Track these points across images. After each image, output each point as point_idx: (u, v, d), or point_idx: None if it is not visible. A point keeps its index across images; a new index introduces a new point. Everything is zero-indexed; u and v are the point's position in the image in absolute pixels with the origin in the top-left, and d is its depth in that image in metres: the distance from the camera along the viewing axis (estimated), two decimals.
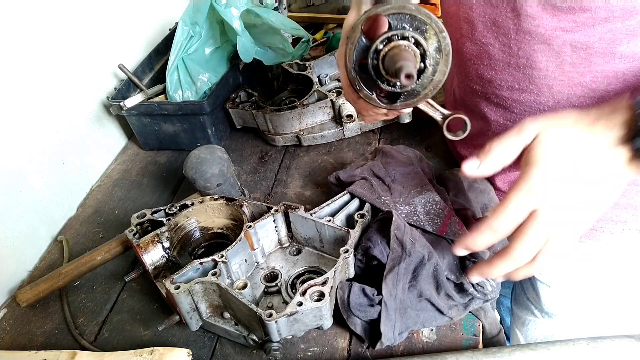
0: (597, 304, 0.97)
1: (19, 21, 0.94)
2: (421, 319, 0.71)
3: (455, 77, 0.89)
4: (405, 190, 0.81)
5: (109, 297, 0.86)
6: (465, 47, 0.78)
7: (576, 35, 0.65)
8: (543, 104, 0.74)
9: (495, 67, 0.75)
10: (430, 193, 0.79)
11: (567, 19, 0.64)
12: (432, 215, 0.77)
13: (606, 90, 0.69)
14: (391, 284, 0.69)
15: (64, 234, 1.01)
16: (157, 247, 0.79)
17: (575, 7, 0.62)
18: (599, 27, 0.63)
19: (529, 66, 0.71)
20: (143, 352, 0.72)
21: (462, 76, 0.84)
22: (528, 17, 0.66)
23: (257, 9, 1.12)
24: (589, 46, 0.65)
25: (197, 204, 0.83)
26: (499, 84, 0.76)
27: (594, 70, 0.67)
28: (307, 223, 0.80)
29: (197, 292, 0.71)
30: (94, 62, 1.14)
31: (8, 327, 0.84)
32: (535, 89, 0.73)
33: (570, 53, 0.67)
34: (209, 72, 1.16)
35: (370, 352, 0.72)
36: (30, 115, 0.97)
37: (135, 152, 1.21)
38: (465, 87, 0.85)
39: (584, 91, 0.70)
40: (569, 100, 0.72)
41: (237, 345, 0.76)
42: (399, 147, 0.91)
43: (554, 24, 0.65)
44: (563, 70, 0.69)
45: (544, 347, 0.66)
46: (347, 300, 0.71)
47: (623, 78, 0.67)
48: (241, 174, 1.09)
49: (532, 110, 0.75)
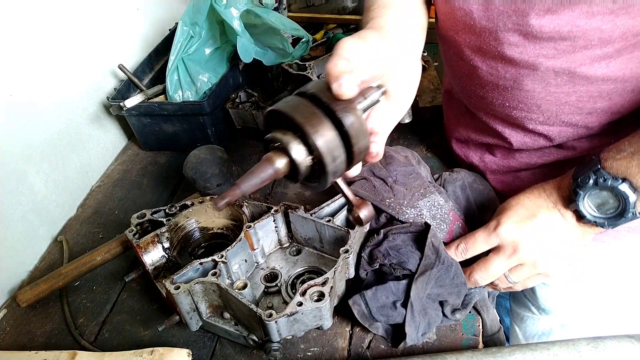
0: (595, 301, 0.98)
1: (20, 22, 0.94)
2: (436, 320, 0.73)
3: (454, 86, 0.92)
4: (409, 193, 0.80)
5: (109, 298, 0.86)
6: (458, 65, 0.81)
7: (558, 61, 0.67)
8: (534, 119, 0.77)
9: (485, 86, 0.78)
10: (433, 196, 0.79)
11: (549, 47, 0.66)
12: (439, 220, 0.78)
13: (593, 108, 0.71)
14: (421, 286, 0.70)
15: (64, 234, 1.01)
16: (157, 247, 0.79)
17: (555, 37, 0.65)
18: (579, 54, 0.65)
19: (516, 88, 0.73)
20: (143, 352, 0.72)
21: (459, 88, 0.87)
22: (511, 45, 0.69)
23: (257, 10, 1.12)
24: (570, 71, 0.68)
25: (197, 204, 0.83)
26: (490, 101, 0.79)
27: (578, 91, 0.70)
28: (307, 223, 0.80)
29: (197, 292, 0.71)
30: (94, 62, 1.14)
31: (8, 327, 0.84)
32: (524, 107, 0.76)
33: (554, 76, 0.69)
34: (209, 72, 1.16)
35: (370, 353, 0.72)
36: (31, 116, 0.97)
37: (135, 153, 1.21)
38: (464, 96, 0.88)
39: (572, 109, 0.72)
40: (557, 116, 0.74)
41: (237, 346, 0.76)
42: (397, 148, 0.91)
43: (536, 51, 0.68)
44: (549, 91, 0.71)
45: (544, 347, 0.66)
46: (368, 310, 0.71)
47: (608, 97, 0.69)
48: (241, 174, 1.08)
49: (524, 123, 0.78)
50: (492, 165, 0.90)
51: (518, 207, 0.70)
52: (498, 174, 0.91)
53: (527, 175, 0.87)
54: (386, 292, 0.71)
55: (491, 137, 0.86)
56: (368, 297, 0.71)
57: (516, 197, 0.72)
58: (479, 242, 0.72)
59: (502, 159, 0.88)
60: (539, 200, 0.69)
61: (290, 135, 0.53)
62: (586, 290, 0.96)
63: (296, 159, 0.54)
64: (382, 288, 0.71)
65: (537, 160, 0.84)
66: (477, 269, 0.73)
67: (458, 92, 0.90)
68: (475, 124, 0.88)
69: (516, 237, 0.69)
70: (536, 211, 0.69)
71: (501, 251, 0.70)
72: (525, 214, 0.69)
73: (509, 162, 0.87)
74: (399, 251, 0.72)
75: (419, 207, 0.78)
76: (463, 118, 0.92)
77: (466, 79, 0.81)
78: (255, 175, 0.56)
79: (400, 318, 0.70)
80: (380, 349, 0.73)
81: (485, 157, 0.91)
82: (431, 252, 0.71)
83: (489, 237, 0.71)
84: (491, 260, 0.71)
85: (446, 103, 1.02)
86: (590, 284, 0.94)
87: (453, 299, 0.73)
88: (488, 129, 0.85)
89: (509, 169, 0.88)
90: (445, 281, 0.72)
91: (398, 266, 0.72)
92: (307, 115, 0.52)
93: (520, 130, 0.80)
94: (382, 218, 0.80)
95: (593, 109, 0.71)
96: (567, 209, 0.67)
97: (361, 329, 0.75)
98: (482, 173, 0.92)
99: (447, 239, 0.76)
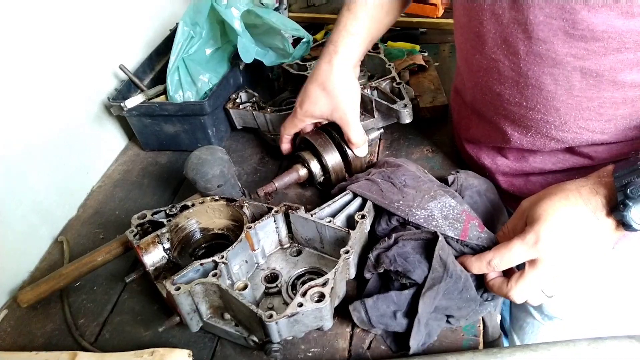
0: (598, 307, 0.97)
1: (20, 22, 0.94)
2: (437, 330, 0.72)
3: (466, 83, 0.89)
4: (419, 195, 0.78)
5: (109, 298, 0.86)
6: (475, 59, 0.78)
7: (587, 62, 0.64)
8: (550, 122, 0.74)
9: (504, 82, 0.75)
10: (444, 198, 0.77)
11: (579, 47, 0.64)
12: (451, 219, 0.74)
13: (614, 114, 0.69)
14: (429, 301, 0.68)
15: (65, 234, 1.01)
16: (157, 248, 0.79)
17: (588, 36, 0.62)
18: (610, 57, 0.63)
19: (537, 87, 0.70)
20: (143, 353, 0.72)
21: (472, 84, 0.84)
22: (539, 41, 0.66)
23: (258, 10, 1.12)
24: (599, 74, 0.65)
25: (197, 204, 0.83)
26: (507, 98, 0.76)
27: (602, 96, 0.67)
28: (308, 224, 0.80)
29: (198, 293, 0.71)
30: (94, 62, 1.14)
31: (9, 328, 0.84)
32: (542, 108, 0.73)
33: (579, 79, 0.66)
34: (210, 72, 1.16)
35: (370, 353, 0.72)
36: (31, 116, 0.97)
37: (135, 153, 1.21)
38: (476, 95, 0.85)
39: (591, 114, 0.70)
40: (575, 121, 0.72)
41: (238, 347, 0.76)
42: (402, 159, 0.91)
43: (565, 49, 0.65)
44: (571, 94, 0.69)
45: (545, 348, 0.65)
46: (367, 317, 0.71)
47: (632, 104, 0.67)
48: (242, 174, 1.09)
49: (538, 126, 0.75)
50: (505, 168, 0.88)
51: (556, 218, 0.62)
52: (509, 176, 0.89)
53: (539, 180, 0.85)
54: (387, 302, 0.70)
55: (499, 141, 0.84)
56: (368, 305, 0.70)
57: (550, 202, 0.63)
58: (515, 256, 0.65)
59: (514, 162, 0.86)
60: (577, 208, 0.62)
61: (310, 155, 0.95)
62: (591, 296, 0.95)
63: (313, 170, 0.94)
64: (383, 297, 0.70)
65: (551, 166, 0.82)
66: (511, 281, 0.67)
67: (470, 89, 0.87)
68: (484, 127, 0.87)
69: (557, 252, 0.63)
70: (576, 223, 0.62)
71: (538, 264, 0.64)
72: (565, 226, 0.62)
73: (522, 166, 0.85)
74: (407, 259, 0.71)
75: (430, 208, 0.76)
76: (473, 119, 0.91)
77: (484, 73, 0.78)
78: (285, 176, 0.94)
79: (400, 328, 0.70)
80: (380, 349, 0.73)
81: (497, 160, 0.89)
82: (439, 265, 0.69)
83: (527, 252, 0.64)
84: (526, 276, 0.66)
85: (455, 103, 1.01)
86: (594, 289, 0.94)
87: (462, 313, 0.72)
88: (496, 130, 0.83)
89: (521, 172, 0.86)
90: (454, 294, 0.70)
91: (403, 275, 0.71)
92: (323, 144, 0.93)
93: (531, 134, 0.78)
94: (394, 221, 0.78)
95: (613, 115, 0.69)
96: (608, 217, 0.61)
97: (362, 330, 0.75)
98: (493, 174, 0.90)
99: (462, 237, 0.73)
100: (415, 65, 1.22)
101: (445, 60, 1.36)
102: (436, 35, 1.48)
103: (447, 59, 1.36)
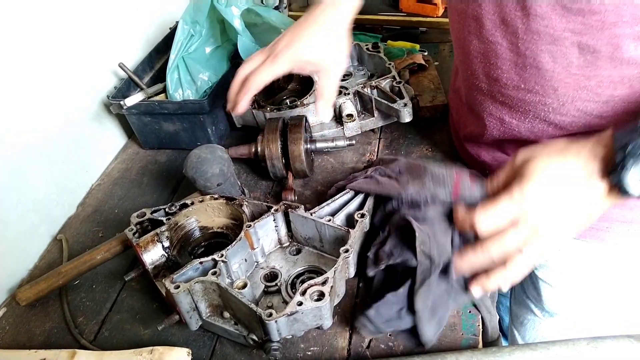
0: (598, 304, 0.98)
1: (19, 21, 0.94)
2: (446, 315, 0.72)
3: (460, 74, 0.89)
4: (412, 177, 0.79)
5: (108, 297, 0.86)
6: (472, 44, 0.78)
7: (584, 37, 0.65)
8: (548, 105, 0.74)
9: (502, 66, 0.75)
10: (434, 168, 0.77)
11: (576, 21, 0.64)
12: (441, 182, 0.74)
13: (612, 95, 0.69)
14: (425, 296, 0.68)
15: (64, 232, 1.01)
16: (156, 246, 0.79)
17: (585, 9, 0.62)
18: (607, 31, 0.63)
19: (535, 67, 0.71)
20: (143, 351, 0.72)
21: (468, 74, 0.84)
22: (537, 17, 0.66)
23: (258, 8, 1.12)
24: (596, 50, 0.65)
25: (197, 203, 0.83)
26: (505, 82, 0.76)
27: (600, 75, 0.67)
28: (307, 223, 0.80)
29: (197, 291, 0.71)
30: (94, 61, 1.14)
31: (8, 326, 0.84)
32: (540, 89, 0.73)
33: (577, 55, 0.67)
34: (210, 71, 1.15)
35: (370, 352, 0.72)
36: (31, 114, 0.97)
37: (135, 151, 1.21)
38: (471, 84, 0.84)
39: (589, 95, 0.70)
40: (573, 103, 0.72)
41: (237, 345, 0.76)
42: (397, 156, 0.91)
43: (562, 25, 0.65)
44: (569, 72, 0.69)
45: (544, 347, 0.66)
46: (375, 327, 0.70)
47: (630, 84, 0.67)
48: (241, 173, 1.08)
49: (536, 110, 0.75)
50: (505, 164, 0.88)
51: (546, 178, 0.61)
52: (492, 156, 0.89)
53: None
54: (387, 305, 0.70)
55: (497, 131, 0.84)
56: (371, 315, 0.70)
57: (546, 159, 0.62)
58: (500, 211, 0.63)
59: None
60: (575, 172, 0.60)
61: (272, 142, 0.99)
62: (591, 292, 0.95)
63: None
64: (382, 304, 0.70)
65: None
66: None
67: (465, 79, 0.87)
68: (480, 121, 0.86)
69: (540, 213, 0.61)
70: (567, 186, 0.61)
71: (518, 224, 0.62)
72: (554, 187, 0.61)
73: None
74: (402, 248, 0.71)
75: (421, 179, 0.76)
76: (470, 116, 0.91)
77: (481, 58, 0.78)
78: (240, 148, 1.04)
79: (408, 324, 0.70)
80: (380, 348, 0.73)
81: (497, 156, 0.89)
82: (424, 258, 0.69)
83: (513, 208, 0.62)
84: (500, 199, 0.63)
85: (454, 103, 1.01)
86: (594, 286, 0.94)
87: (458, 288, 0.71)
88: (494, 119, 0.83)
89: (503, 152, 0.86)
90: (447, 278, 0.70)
91: (402, 265, 0.71)
92: None
93: (529, 120, 0.78)
94: (389, 206, 0.78)
95: (611, 96, 0.69)
96: (601, 181, 0.59)
97: None
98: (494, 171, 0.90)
99: (454, 196, 0.72)
100: (415, 65, 1.22)
101: (445, 60, 1.36)
102: (436, 35, 1.48)
103: (447, 58, 1.36)
